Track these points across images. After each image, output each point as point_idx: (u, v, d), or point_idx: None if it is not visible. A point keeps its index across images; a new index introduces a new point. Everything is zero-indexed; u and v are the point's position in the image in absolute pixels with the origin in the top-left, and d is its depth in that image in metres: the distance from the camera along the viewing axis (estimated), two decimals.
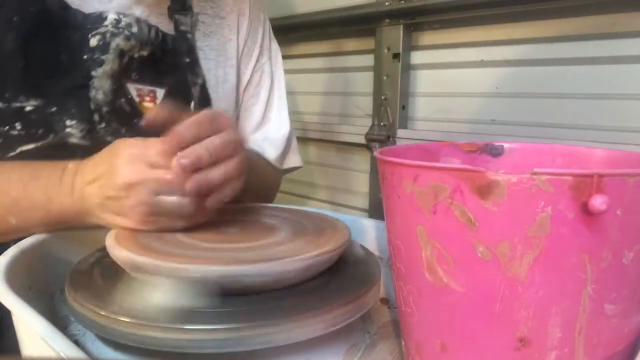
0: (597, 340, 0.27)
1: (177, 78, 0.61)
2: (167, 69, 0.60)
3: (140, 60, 0.57)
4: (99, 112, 0.54)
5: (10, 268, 0.39)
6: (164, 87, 0.59)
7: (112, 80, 0.54)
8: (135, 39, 0.55)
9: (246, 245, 0.41)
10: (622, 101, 0.78)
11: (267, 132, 0.75)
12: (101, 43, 0.54)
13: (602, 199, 0.23)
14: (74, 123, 0.53)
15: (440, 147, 0.41)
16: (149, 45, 0.57)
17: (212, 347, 0.32)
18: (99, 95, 0.54)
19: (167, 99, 0.59)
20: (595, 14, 0.79)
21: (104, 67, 0.54)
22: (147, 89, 0.58)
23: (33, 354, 0.34)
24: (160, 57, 0.59)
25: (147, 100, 0.58)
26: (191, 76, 0.62)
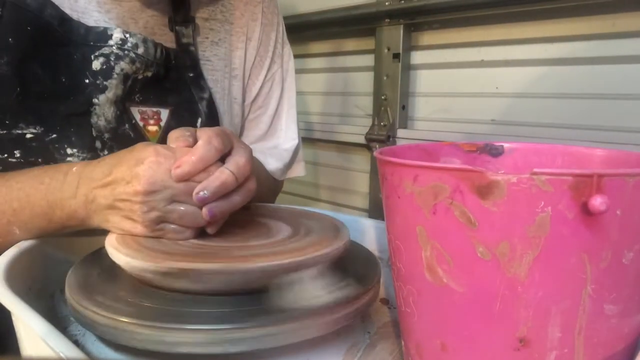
0: (597, 340, 0.27)
1: (182, 96, 0.58)
2: (170, 87, 0.57)
3: (144, 81, 0.55)
4: (100, 138, 0.52)
5: (10, 268, 0.39)
6: (168, 107, 0.57)
7: (115, 107, 0.52)
8: (140, 61, 0.53)
9: (245, 245, 0.41)
10: (622, 101, 0.78)
11: (273, 143, 0.72)
12: (105, 67, 0.51)
13: (602, 199, 0.23)
14: (75, 151, 0.51)
15: (440, 147, 0.41)
16: (154, 66, 0.55)
17: (212, 347, 0.32)
18: (101, 122, 0.52)
19: (172, 119, 0.57)
20: (595, 14, 0.79)
21: (107, 93, 0.51)
22: (150, 110, 0.56)
23: (33, 354, 0.34)
24: (163, 75, 0.57)
25: (152, 124, 0.56)
26: (196, 91, 0.59)
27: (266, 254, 0.38)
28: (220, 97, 0.63)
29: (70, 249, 0.48)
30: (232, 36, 0.64)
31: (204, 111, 0.59)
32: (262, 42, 0.68)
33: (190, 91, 0.58)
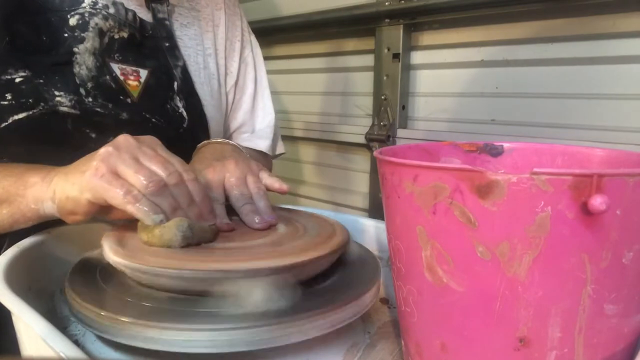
0: (597, 340, 0.27)
1: (159, 61, 0.63)
2: (148, 52, 0.63)
3: (122, 42, 0.60)
4: (84, 86, 0.56)
5: (10, 268, 0.39)
6: (146, 69, 0.62)
7: (94, 58, 0.57)
8: (112, 19, 0.58)
9: (244, 245, 0.41)
10: (622, 101, 0.78)
11: (254, 125, 0.80)
12: (80, 22, 0.56)
13: (602, 199, 0.23)
14: (62, 94, 0.55)
15: (440, 147, 0.41)
16: (127, 27, 0.60)
17: (212, 347, 0.32)
18: (83, 71, 0.56)
19: (151, 78, 0.62)
20: (595, 14, 0.79)
21: (85, 44, 0.56)
22: (130, 68, 0.60)
23: (33, 354, 0.34)
24: (140, 42, 0.62)
25: (132, 79, 0.60)
26: (172, 59, 0.65)
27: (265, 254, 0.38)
28: (196, 70, 0.69)
29: (70, 249, 0.48)
30: (200, 21, 0.71)
31: (180, 77, 0.65)
32: (229, 28, 0.75)
33: (166, 58, 0.64)
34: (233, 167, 0.51)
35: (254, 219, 0.46)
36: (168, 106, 0.63)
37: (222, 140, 0.63)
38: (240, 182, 0.50)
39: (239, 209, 0.48)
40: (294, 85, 1.33)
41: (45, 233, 0.47)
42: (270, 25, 1.27)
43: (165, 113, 0.63)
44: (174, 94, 0.64)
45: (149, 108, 0.61)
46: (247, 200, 0.48)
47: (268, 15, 1.28)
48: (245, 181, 0.51)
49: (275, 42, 1.35)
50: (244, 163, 0.53)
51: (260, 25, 1.30)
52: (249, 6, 1.35)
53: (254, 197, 0.49)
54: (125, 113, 0.58)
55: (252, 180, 0.51)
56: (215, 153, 0.58)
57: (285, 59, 1.34)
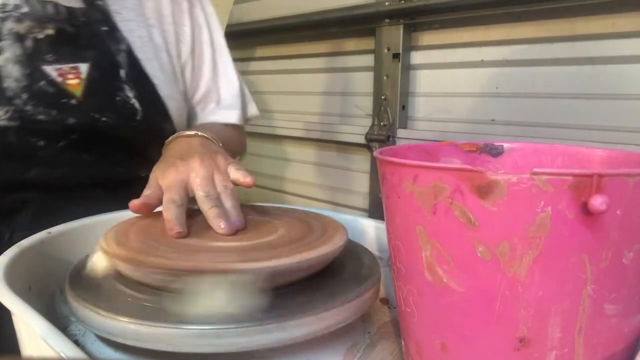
0: (597, 340, 0.27)
1: (99, 50, 0.59)
2: (85, 43, 0.58)
3: (51, 40, 0.55)
4: (18, 97, 0.53)
5: (10, 268, 0.39)
6: (86, 62, 0.57)
7: (21, 66, 0.53)
8: (29, 19, 0.53)
9: (243, 245, 0.41)
10: (622, 101, 0.78)
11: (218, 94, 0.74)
12: None
13: (602, 199, 0.23)
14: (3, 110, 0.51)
15: (440, 147, 0.41)
16: (51, 22, 0.55)
17: (212, 346, 0.32)
18: (11, 84, 0.52)
19: (93, 71, 0.57)
20: (595, 14, 0.79)
21: (4, 54, 0.52)
22: (67, 66, 0.56)
23: (33, 354, 0.34)
24: (74, 33, 0.57)
25: (71, 78, 0.56)
26: (113, 44, 0.60)
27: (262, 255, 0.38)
28: (141, 45, 0.63)
29: (70, 249, 0.48)
30: None
31: (125, 62, 0.60)
32: None
33: (106, 44, 0.59)
34: (198, 165, 0.47)
35: (219, 224, 0.43)
36: (118, 99, 0.59)
37: (190, 133, 0.58)
38: (206, 182, 0.46)
39: (205, 212, 0.44)
40: (294, 85, 1.33)
41: (45, 233, 0.47)
42: (270, 25, 1.27)
43: (115, 107, 0.59)
44: (121, 83, 0.59)
45: (96, 106, 0.57)
46: (214, 203, 0.45)
47: (268, 15, 1.29)
48: (212, 180, 0.47)
49: (275, 42, 1.35)
50: (210, 159, 0.49)
51: (260, 25, 1.30)
52: (249, 6, 1.35)
53: (221, 197, 0.46)
54: (71, 117, 0.55)
55: (219, 178, 0.47)
56: (181, 150, 0.53)
57: (285, 59, 1.34)
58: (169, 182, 0.46)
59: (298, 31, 1.24)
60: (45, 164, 0.56)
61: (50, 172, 0.56)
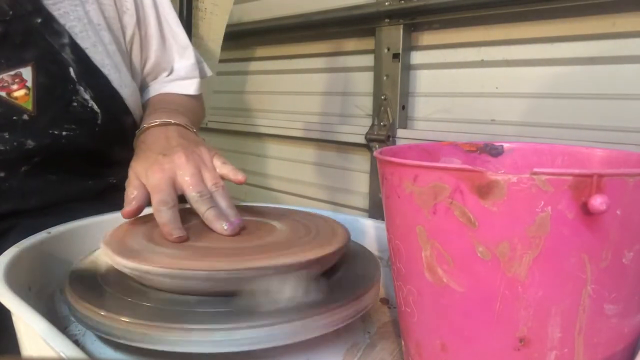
0: (597, 340, 0.27)
1: (39, 47, 0.50)
2: (21, 41, 0.49)
3: None
4: None
5: (10, 268, 0.39)
6: (27, 65, 0.49)
7: None
8: None
9: (243, 246, 0.41)
10: (622, 101, 0.78)
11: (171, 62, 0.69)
12: None
13: (602, 199, 0.23)
14: None
15: (440, 147, 0.41)
16: None
17: (212, 347, 0.32)
18: None
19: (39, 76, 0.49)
20: (595, 14, 0.79)
21: None
22: (8, 76, 0.48)
23: (33, 354, 0.34)
24: (3, 32, 0.48)
25: (16, 89, 0.48)
26: (54, 38, 0.51)
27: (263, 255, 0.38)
28: (81, 30, 0.55)
29: (70, 249, 0.48)
30: None
31: (72, 58, 0.53)
32: None
33: (46, 40, 0.51)
34: (184, 162, 0.44)
35: (222, 225, 0.41)
36: (74, 104, 0.52)
37: (162, 121, 0.53)
38: (197, 180, 0.44)
39: (202, 214, 0.43)
40: (294, 85, 1.32)
41: (45, 233, 0.47)
42: (270, 25, 1.27)
43: (74, 116, 0.52)
44: (74, 84, 0.52)
45: (52, 118, 0.50)
46: (210, 204, 0.43)
47: (268, 15, 1.29)
48: (202, 178, 0.45)
49: (275, 42, 1.35)
50: (194, 154, 0.46)
51: (260, 25, 1.30)
52: (249, 6, 1.35)
53: (214, 197, 0.44)
54: (28, 139, 0.48)
55: (208, 176, 0.45)
56: (159, 143, 0.49)
57: (285, 59, 1.34)
58: (156, 183, 0.43)
59: (298, 31, 1.24)
60: (13, 197, 0.51)
61: (21, 203, 0.52)
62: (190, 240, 0.41)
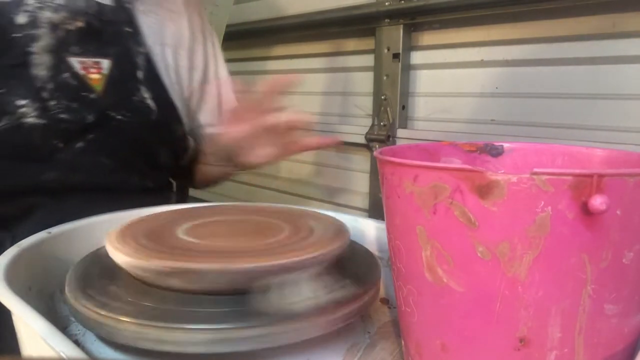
0: (597, 340, 0.27)
1: (121, 48, 0.60)
2: (109, 39, 0.59)
3: (79, 33, 0.56)
4: (44, 89, 0.54)
5: (10, 268, 0.39)
6: (108, 58, 0.59)
7: (51, 55, 0.54)
8: (65, 10, 0.55)
9: (245, 246, 0.41)
10: (622, 101, 0.78)
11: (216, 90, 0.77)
12: (30, 19, 0.53)
13: (602, 199, 0.23)
14: (26, 102, 0.53)
15: (440, 147, 0.41)
16: (82, 15, 0.57)
17: (212, 347, 0.32)
18: (41, 72, 0.54)
19: (114, 68, 0.59)
20: (595, 14, 0.79)
21: (40, 42, 0.53)
22: (91, 60, 0.57)
23: (33, 354, 0.34)
24: (100, 28, 0.59)
25: (93, 72, 0.57)
26: (134, 45, 0.62)
27: (265, 254, 0.38)
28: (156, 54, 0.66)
29: (70, 249, 0.48)
30: (160, 9, 0.68)
31: (144, 65, 0.62)
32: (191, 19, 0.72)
33: (128, 45, 0.61)
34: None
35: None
36: (134, 97, 0.61)
37: None
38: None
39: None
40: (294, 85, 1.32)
41: (45, 233, 0.47)
42: (270, 25, 1.27)
43: (132, 106, 0.60)
44: (138, 84, 0.62)
45: (113, 103, 0.59)
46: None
47: (268, 15, 1.28)
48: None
49: (275, 42, 1.35)
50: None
51: (260, 25, 1.30)
52: (249, 6, 1.35)
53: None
54: (90, 115, 0.56)
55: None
56: None
57: (285, 59, 1.34)
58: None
59: (298, 31, 1.24)
60: (63, 168, 0.56)
61: (68, 177, 0.57)
62: (193, 240, 0.41)
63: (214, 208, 0.54)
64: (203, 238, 0.42)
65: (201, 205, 0.56)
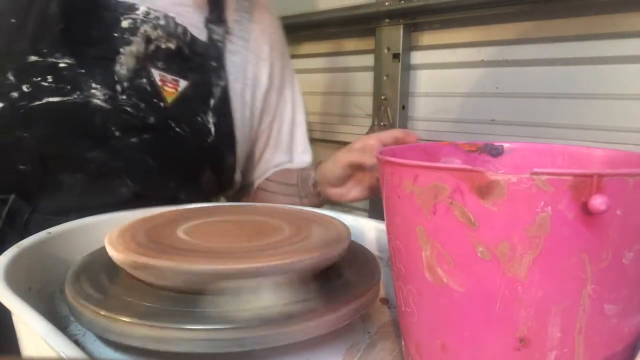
0: (597, 340, 0.27)
1: (202, 76, 0.67)
2: (193, 67, 0.66)
3: (168, 52, 0.63)
4: (120, 84, 0.60)
5: (10, 268, 0.39)
6: (187, 80, 0.65)
7: (136, 61, 0.61)
8: (162, 29, 0.62)
9: (246, 245, 0.41)
10: (622, 101, 0.78)
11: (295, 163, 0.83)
12: (131, 26, 0.61)
13: (602, 199, 0.23)
14: (99, 87, 0.59)
15: (440, 147, 0.41)
16: (175, 39, 0.64)
17: (212, 347, 0.32)
18: (123, 71, 0.60)
19: (189, 90, 0.65)
20: (595, 14, 0.79)
21: (131, 46, 0.60)
22: (170, 77, 0.64)
23: (33, 354, 0.34)
24: (189, 55, 0.65)
25: (170, 86, 0.64)
26: (215, 78, 0.68)
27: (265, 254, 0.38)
28: (233, 95, 0.71)
29: (70, 249, 0.48)
30: (247, 51, 0.74)
31: (218, 95, 0.68)
32: (273, 64, 0.78)
33: (209, 75, 0.68)
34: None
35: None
36: (199, 118, 0.66)
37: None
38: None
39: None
40: None
41: (45, 233, 0.47)
42: None
43: (194, 124, 0.66)
44: (207, 109, 0.67)
45: (178, 116, 0.64)
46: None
47: None
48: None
49: None
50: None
51: None
52: None
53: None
54: (153, 117, 0.62)
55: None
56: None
57: None
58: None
59: (298, 31, 1.24)
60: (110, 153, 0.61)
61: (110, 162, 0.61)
62: (193, 240, 0.41)
63: (214, 208, 0.54)
64: (202, 238, 0.42)
65: (201, 206, 0.56)
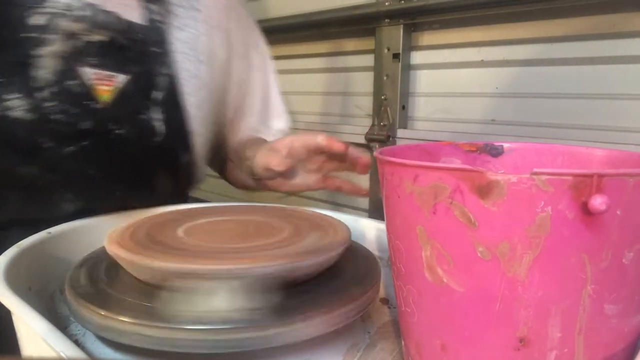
0: (597, 340, 0.27)
1: (143, 67, 0.59)
2: (134, 57, 0.58)
3: (101, 46, 0.55)
4: (45, 90, 0.53)
5: (10, 268, 0.39)
6: (127, 74, 0.57)
7: (59, 61, 0.53)
8: (86, 21, 0.54)
9: (247, 246, 0.41)
10: (622, 101, 0.78)
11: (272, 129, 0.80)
12: (43, 23, 0.52)
13: (602, 199, 0.23)
14: (16, 97, 0.52)
15: (440, 147, 0.41)
16: (106, 30, 0.55)
17: (212, 347, 0.32)
18: (45, 75, 0.53)
19: (129, 85, 0.58)
20: (595, 14, 0.79)
21: (50, 47, 0.52)
22: (106, 73, 0.56)
23: (33, 354, 0.34)
24: (125, 45, 0.57)
25: (104, 84, 0.56)
26: (158, 66, 0.60)
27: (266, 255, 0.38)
28: (184, 79, 0.63)
29: (70, 249, 0.48)
30: (197, 23, 0.66)
31: (165, 86, 0.60)
32: (232, 31, 0.71)
33: (151, 65, 0.59)
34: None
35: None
36: (143, 116, 0.59)
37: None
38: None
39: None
40: (294, 85, 1.32)
41: (45, 233, 0.47)
42: (270, 25, 1.27)
43: (137, 123, 0.58)
44: (151, 104, 0.60)
45: (118, 117, 0.57)
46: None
47: (268, 15, 1.29)
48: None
49: (275, 42, 1.34)
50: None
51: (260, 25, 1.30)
52: (249, 6, 1.35)
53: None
54: (87, 122, 0.55)
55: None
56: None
57: (285, 59, 1.34)
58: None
59: (298, 31, 1.24)
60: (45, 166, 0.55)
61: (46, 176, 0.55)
62: (193, 240, 0.41)
63: (220, 208, 0.54)
64: (199, 237, 0.42)
65: (201, 206, 0.56)
